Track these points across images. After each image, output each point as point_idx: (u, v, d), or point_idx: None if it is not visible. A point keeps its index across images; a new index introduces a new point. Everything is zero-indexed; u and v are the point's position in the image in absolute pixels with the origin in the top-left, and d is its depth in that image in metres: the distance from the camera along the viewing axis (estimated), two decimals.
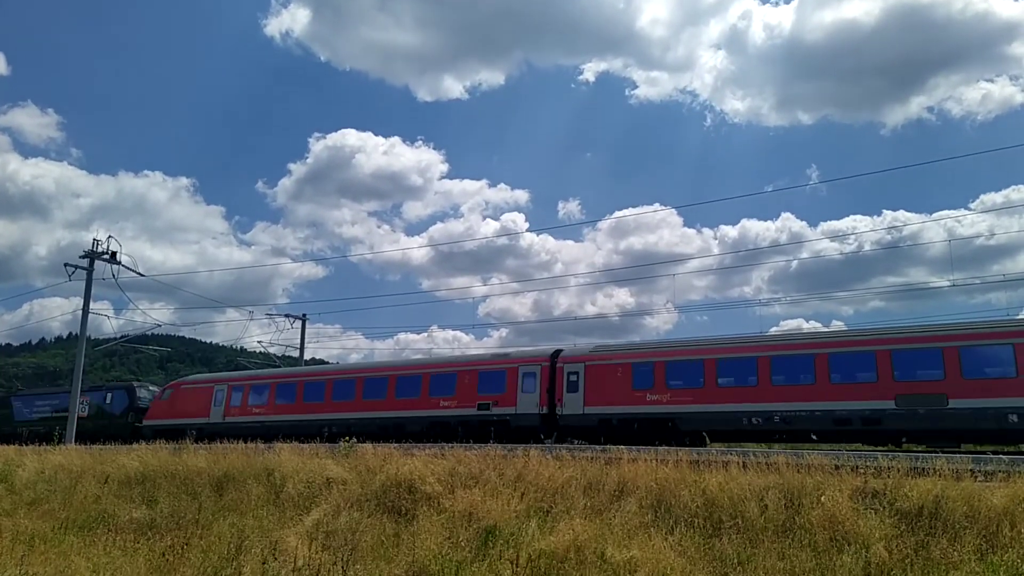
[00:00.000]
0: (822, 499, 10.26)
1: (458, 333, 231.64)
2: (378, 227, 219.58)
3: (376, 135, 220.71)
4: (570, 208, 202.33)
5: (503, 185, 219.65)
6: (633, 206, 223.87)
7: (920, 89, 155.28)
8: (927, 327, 20.99)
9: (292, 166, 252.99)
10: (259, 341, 61.46)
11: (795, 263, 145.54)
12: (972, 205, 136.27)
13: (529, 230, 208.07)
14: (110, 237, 34.88)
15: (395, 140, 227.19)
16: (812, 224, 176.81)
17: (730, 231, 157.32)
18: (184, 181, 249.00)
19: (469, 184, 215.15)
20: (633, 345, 25.67)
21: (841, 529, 9.60)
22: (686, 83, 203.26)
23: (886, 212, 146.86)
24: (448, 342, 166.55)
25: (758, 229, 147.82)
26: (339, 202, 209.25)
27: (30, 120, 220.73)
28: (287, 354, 45.73)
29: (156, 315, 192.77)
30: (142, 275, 37.21)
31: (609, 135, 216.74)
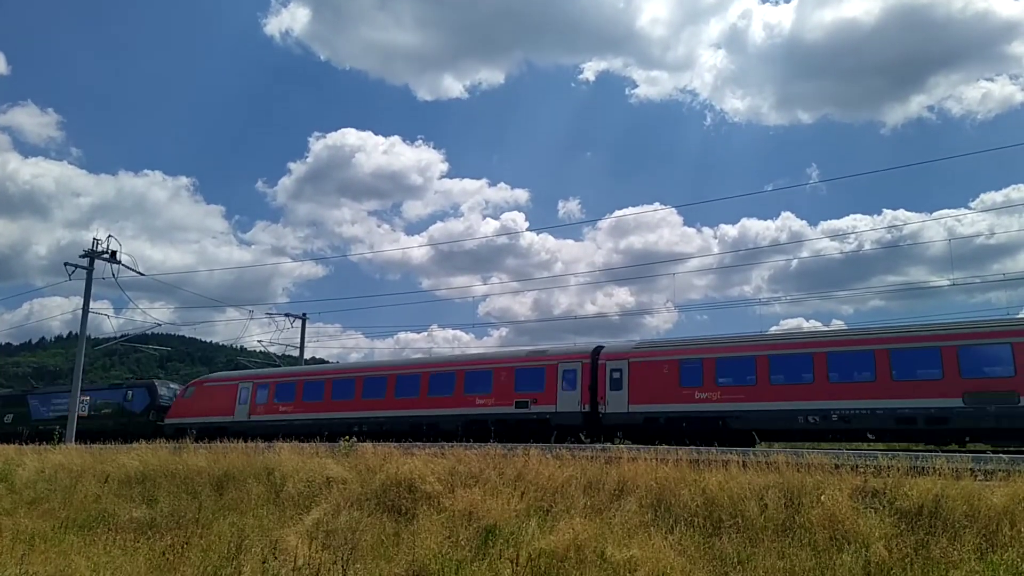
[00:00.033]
0: (822, 498, 10.26)
1: (458, 332, 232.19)
2: (378, 226, 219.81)
3: (376, 134, 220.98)
4: (570, 207, 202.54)
5: (503, 184, 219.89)
6: (633, 205, 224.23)
7: (920, 88, 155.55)
8: (995, 321, 20.56)
9: (292, 165, 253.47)
10: (259, 340, 61.57)
11: (795, 262, 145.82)
12: (972, 204, 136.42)
13: (529, 229, 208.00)
14: (110, 236, 34.86)
15: (395, 139, 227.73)
16: (812, 223, 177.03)
17: (730, 230, 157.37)
18: (184, 180, 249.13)
19: (469, 183, 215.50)
20: (679, 341, 25.17)
21: (841, 528, 9.60)
22: (686, 82, 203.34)
23: (886, 211, 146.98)
24: (448, 341, 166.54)
25: (758, 228, 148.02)
26: (339, 201, 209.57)
27: (30, 119, 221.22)
28: (287, 353, 45.76)
29: (156, 314, 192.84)
30: (142, 274, 37.27)
31: (609, 134, 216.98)
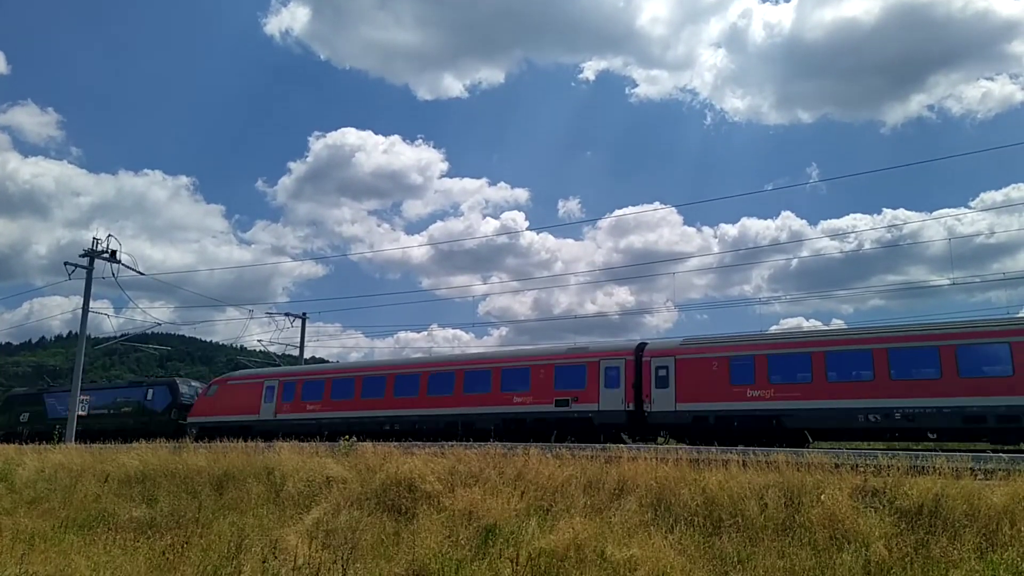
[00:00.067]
0: (822, 497, 10.26)
1: (458, 332, 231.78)
2: (378, 226, 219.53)
3: (376, 134, 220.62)
4: (570, 206, 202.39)
5: (503, 183, 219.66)
6: (633, 204, 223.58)
7: (920, 87, 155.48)
8: None
9: (292, 165, 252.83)
10: (259, 340, 61.79)
11: (795, 261, 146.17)
12: (972, 203, 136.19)
13: (529, 228, 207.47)
14: (110, 236, 34.89)
15: (395, 139, 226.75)
16: (812, 222, 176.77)
17: (730, 229, 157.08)
18: (184, 180, 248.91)
19: (469, 183, 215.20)
20: (728, 338, 24.72)
21: (841, 527, 9.61)
22: (686, 82, 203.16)
23: (886, 210, 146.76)
24: (448, 341, 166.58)
25: (758, 227, 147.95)
26: (339, 201, 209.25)
27: (30, 119, 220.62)
28: (287, 353, 45.80)
29: (156, 314, 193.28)
30: (142, 274, 37.25)
31: (609, 133, 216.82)
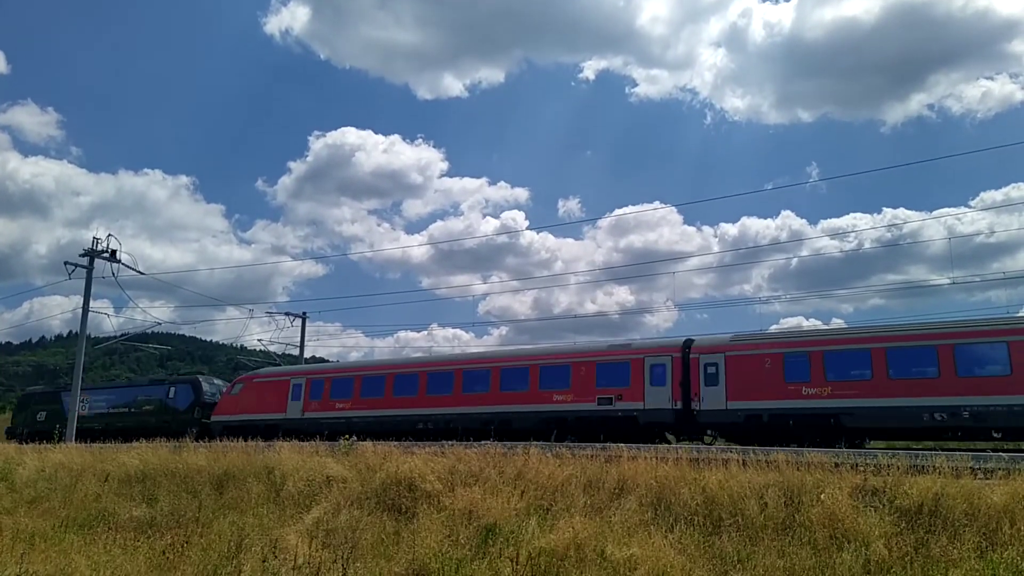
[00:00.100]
0: (822, 497, 10.26)
1: (458, 331, 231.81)
2: (378, 225, 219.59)
3: (376, 133, 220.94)
4: (570, 206, 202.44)
5: (503, 183, 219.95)
6: (633, 204, 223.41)
7: (920, 87, 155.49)
8: None
9: (292, 164, 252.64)
10: (259, 339, 61.56)
11: (795, 261, 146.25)
12: (972, 203, 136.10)
13: (529, 228, 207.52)
14: (110, 235, 34.80)
15: (395, 138, 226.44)
16: (812, 222, 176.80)
17: (730, 229, 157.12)
18: (184, 179, 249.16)
19: (469, 182, 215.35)
20: (781, 334, 24.03)
21: (841, 527, 9.61)
22: (686, 81, 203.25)
23: (886, 210, 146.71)
24: (448, 340, 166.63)
25: (758, 227, 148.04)
26: (339, 200, 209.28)
27: (30, 118, 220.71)
28: (287, 352, 45.84)
29: (156, 313, 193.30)
30: (142, 273, 37.23)
31: (609, 133, 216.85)
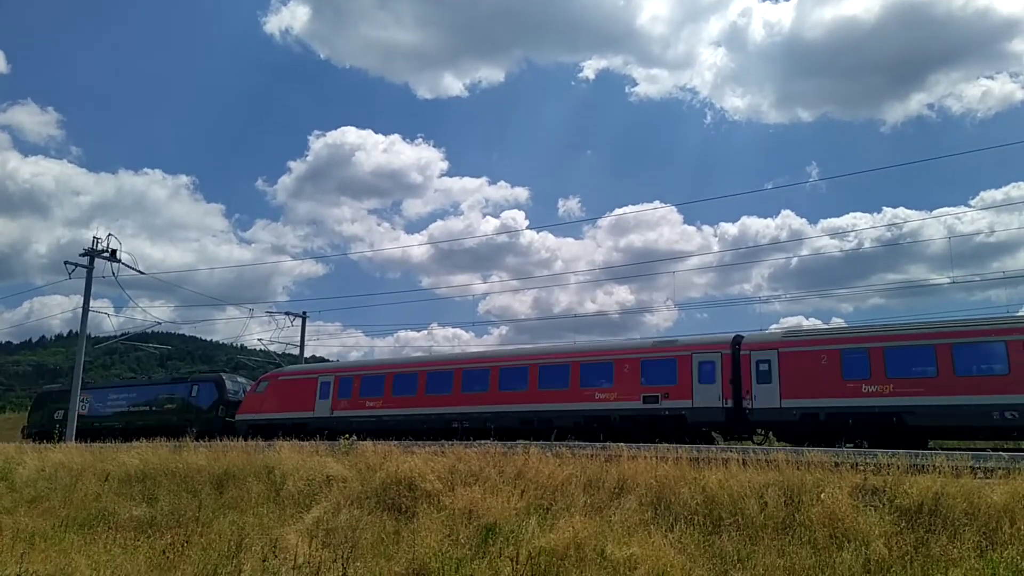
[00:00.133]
0: (822, 496, 10.26)
1: (458, 331, 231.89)
2: (378, 225, 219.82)
3: (376, 133, 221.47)
4: (570, 205, 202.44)
5: (503, 182, 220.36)
6: (633, 203, 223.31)
7: (920, 86, 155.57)
8: None
9: (292, 164, 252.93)
10: (259, 339, 61.64)
11: (795, 260, 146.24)
12: (972, 202, 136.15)
13: (529, 227, 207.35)
14: (110, 235, 34.79)
15: (395, 138, 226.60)
16: (812, 221, 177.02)
17: (730, 228, 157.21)
18: (184, 179, 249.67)
19: (469, 182, 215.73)
20: (837, 329, 23.06)
21: (841, 526, 9.61)
22: (686, 80, 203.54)
23: (886, 209, 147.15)
24: (448, 340, 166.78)
25: (758, 226, 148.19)
26: (339, 200, 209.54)
27: (30, 118, 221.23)
28: (287, 352, 45.84)
29: (156, 313, 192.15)
30: (142, 273, 37.23)
31: (609, 132, 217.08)
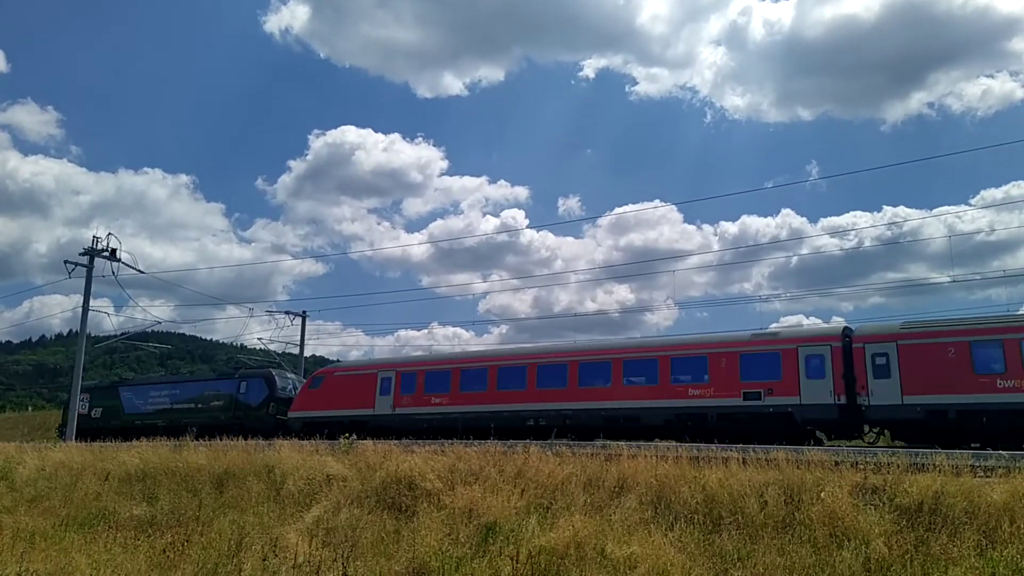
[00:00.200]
0: (822, 495, 10.27)
1: (458, 330, 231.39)
2: (378, 224, 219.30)
3: (376, 132, 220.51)
4: (570, 204, 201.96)
5: (503, 182, 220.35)
6: (633, 202, 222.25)
7: (920, 85, 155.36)
8: None
9: (292, 163, 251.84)
10: (259, 338, 61.55)
11: (795, 259, 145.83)
12: (972, 201, 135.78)
13: (529, 227, 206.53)
14: (110, 234, 34.75)
15: (395, 137, 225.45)
16: (812, 220, 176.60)
17: (730, 227, 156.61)
18: (184, 178, 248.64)
19: (469, 181, 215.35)
20: (963, 320, 22.61)
21: (841, 525, 9.61)
22: (686, 79, 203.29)
23: (886, 208, 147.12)
24: (448, 339, 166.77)
25: (758, 225, 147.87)
26: (339, 199, 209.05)
27: (30, 117, 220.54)
28: (287, 351, 45.80)
29: (156, 312, 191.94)
30: (142, 272, 37.24)
31: (609, 131, 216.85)
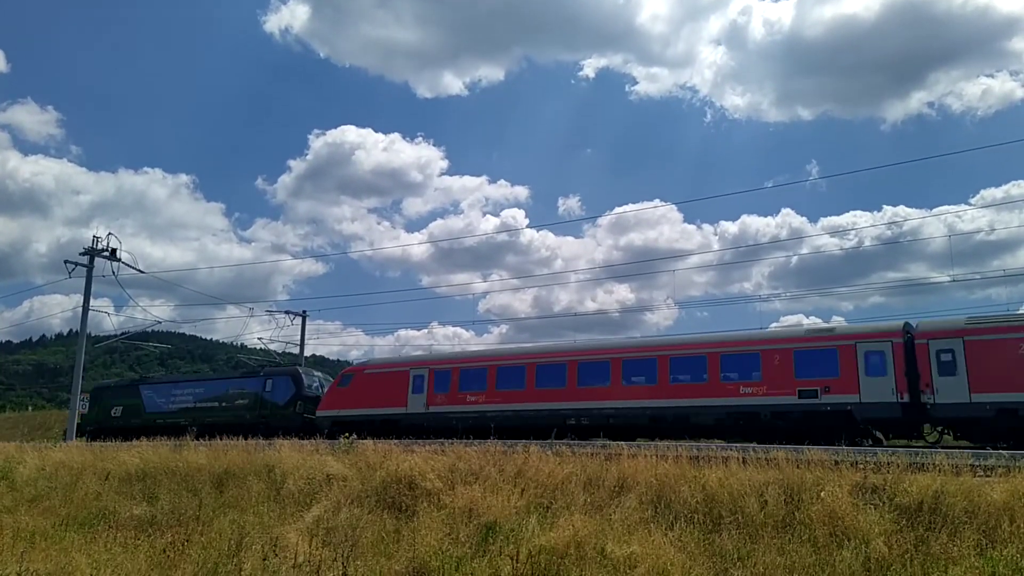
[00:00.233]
0: (822, 494, 10.27)
1: (458, 329, 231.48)
2: (378, 223, 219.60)
3: (376, 132, 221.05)
4: (570, 204, 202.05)
5: (503, 181, 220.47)
6: (633, 202, 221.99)
7: (920, 84, 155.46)
8: None
9: (292, 163, 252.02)
10: (259, 338, 61.86)
11: (795, 259, 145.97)
12: (972, 200, 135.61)
13: (529, 226, 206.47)
14: (110, 234, 34.92)
15: (395, 136, 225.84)
16: (812, 220, 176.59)
17: (730, 227, 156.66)
18: (184, 178, 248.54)
19: (469, 180, 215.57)
20: None
21: (841, 524, 9.62)
22: (686, 79, 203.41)
23: (886, 207, 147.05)
24: (448, 338, 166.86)
25: (758, 225, 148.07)
26: (339, 199, 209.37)
27: (30, 117, 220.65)
28: (287, 351, 45.81)
29: (156, 312, 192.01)
30: (142, 272, 37.29)
31: (609, 131, 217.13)
